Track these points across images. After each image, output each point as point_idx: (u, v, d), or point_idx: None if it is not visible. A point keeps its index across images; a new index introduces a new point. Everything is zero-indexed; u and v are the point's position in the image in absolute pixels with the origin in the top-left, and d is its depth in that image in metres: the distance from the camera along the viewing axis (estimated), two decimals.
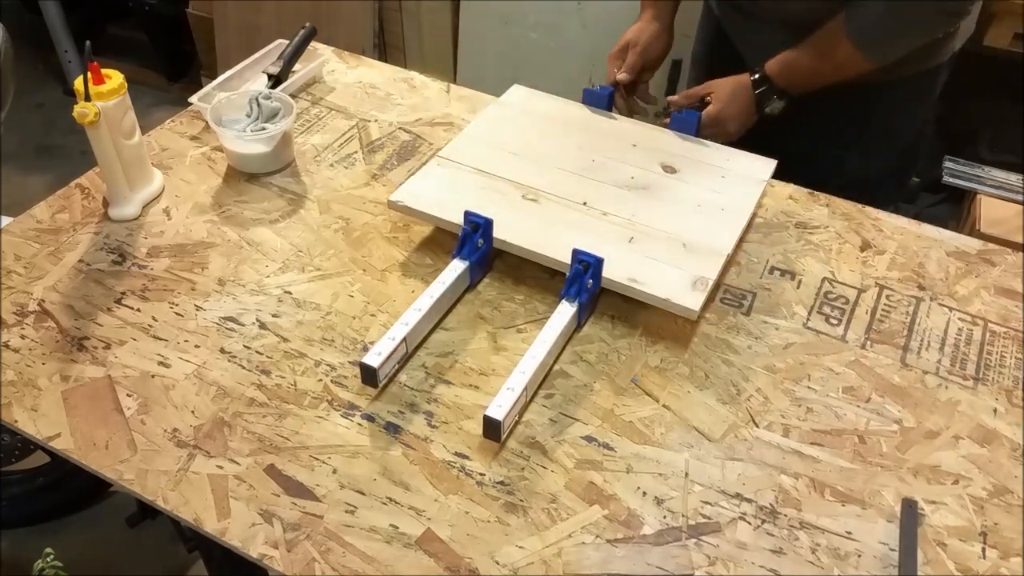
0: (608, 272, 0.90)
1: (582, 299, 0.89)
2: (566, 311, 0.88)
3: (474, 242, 0.93)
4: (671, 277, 0.90)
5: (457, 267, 0.92)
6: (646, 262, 0.92)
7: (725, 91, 1.16)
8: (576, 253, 0.89)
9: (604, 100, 1.17)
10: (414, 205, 0.99)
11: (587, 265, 0.89)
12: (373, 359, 0.81)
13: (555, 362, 0.88)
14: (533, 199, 1.00)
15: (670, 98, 1.20)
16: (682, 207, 1.00)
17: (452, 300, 0.93)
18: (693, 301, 0.88)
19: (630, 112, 1.23)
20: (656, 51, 1.24)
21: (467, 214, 0.94)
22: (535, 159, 1.06)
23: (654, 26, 1.23)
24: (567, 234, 0.94)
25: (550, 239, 0.94)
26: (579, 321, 0.91)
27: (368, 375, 0.82)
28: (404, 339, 0.84)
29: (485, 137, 1.10)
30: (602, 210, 0.99)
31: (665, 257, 0.93)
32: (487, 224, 0.93)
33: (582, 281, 0.89)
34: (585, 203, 1.00)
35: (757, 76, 1.14)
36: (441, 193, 1.00)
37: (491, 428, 0.78)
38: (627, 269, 0.91)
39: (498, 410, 0.77)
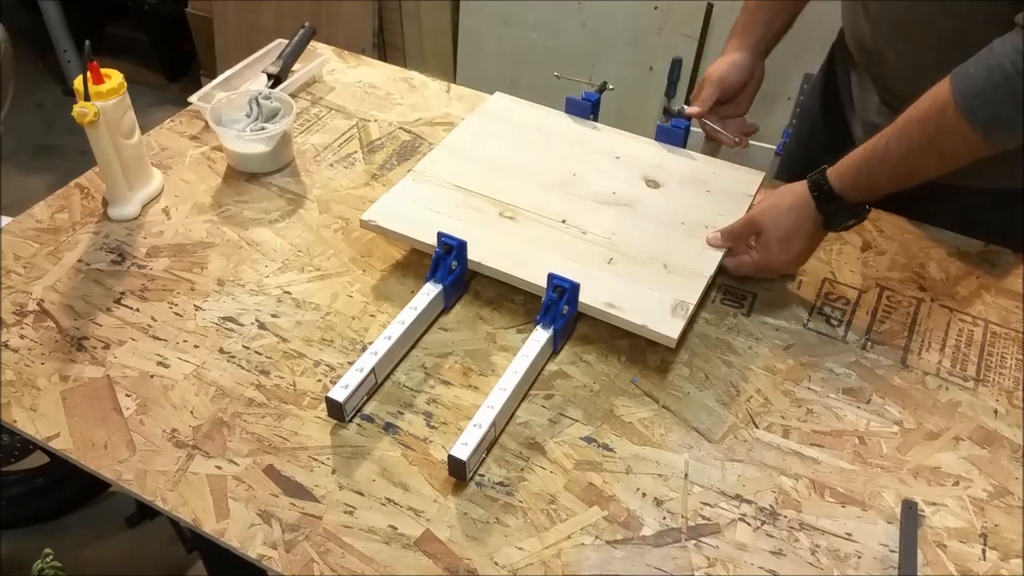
0: (584, 296, 0.87)
1: (557, 326, 0.86)
2: (540, 337, 0.85)
3: (447, 264, 0.90)
4: (650, 302, 0.87)
5: (430, 291, 0.89)
6: (625, 285, 0.89)
7: (777, 231, 0.91)
8: (551, 278, 0.86)
9: (586, 109, 1.13)
10: (386, 224, 0.95)
11: (562, 291, 0.85)
12: (339, 393, 0.79)
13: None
14: (511, 217, 0.98)
15: (709, 238, 0.96)
16: (664, 225, 0.98)
17: (426, 325, 0.90)
18: (671, 328, 0.85)
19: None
20: (735, 81, 1.08)
21: (440, 235, 0.90)
22: (514, 173, 1.04)
23: (732, 56, 1.09)
24: (544, 255, 0.92)
25: (527, 260, 0.91)
26: (555, 347, 0.88)
27: (334, 409, 0.80)
28: (373, 370, 0.81)
29: (463, 150, 1.07)
30: (582, 228, 0.96)
31: (645, 279, 0.90)
32: (461, 246, 0.90)
33: (557, 307, 0.86)
34: (564, 221, 0.97)
35: (818, 190, 0.89)
36: (415, 211, 0.97)
37: (456, 468, 0.75)
38: (604, 293, 0.88)
39: (463, 449, 0.75)
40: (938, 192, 0.94)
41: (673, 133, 1.09)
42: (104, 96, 0.95)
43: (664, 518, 0.75)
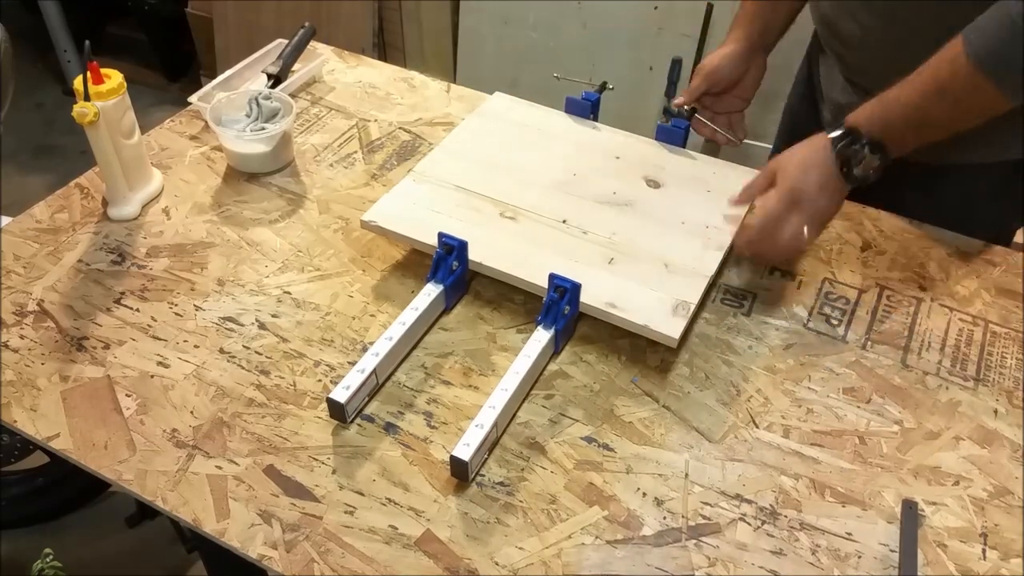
0: (586, 296, 0.87)
1: (558, 326, 0.86)
2: (541, 338, 0.85)
3: (448, 265, 0.90)
4: (651, 301, 0.87)
5: (431, 291, 0.89)
6: (626, 285, 0.89)
7: (792, 159, 0.91)
8: (552, 278, 0.86)
9: (586, 109, 1.13)
10: (387, 225, 0.95)
11: (563, 291, 0.85)
12: (340, 394, 0.78)
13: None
14: (511, 217, 0.97)
15: (731, 199, 0.98)
16: (665, 225, 0.97)
17: (427, 325, 0.90)
18: (673, 328, 0.85)
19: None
20: (726, 73, 1.07)
21: (441, 235, 0.90)
22: (514, 173, 1.03)
23: (727, 48, 1.08)
24: (545, 255, 0.92)
25: (527, 260, 0.91)
26: (556, 347, 0.88)
27: (336, 410, 0.80)
28: (374, 371, 0.81)
29: (463, 150, 1.07)
30: (582, 228, 0.96)
31: (646, 279, 0.90)
32: (461, 246, 0.90)
33: (559, 307, 0.86)
34: (565, 221, 0.97)
35: (838, 132, 0.89)
36: (416, 211, 0.97)
37: (458, 468, 0.75)
38: (606, 293, 0.88)
39: (465, 449, 0.74)
40: (937, 175, 0.95)
41: (673, 133, 1.09)
42: (104, 96, 0.95)
43: (664, 518, 0.75)
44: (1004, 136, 0.96)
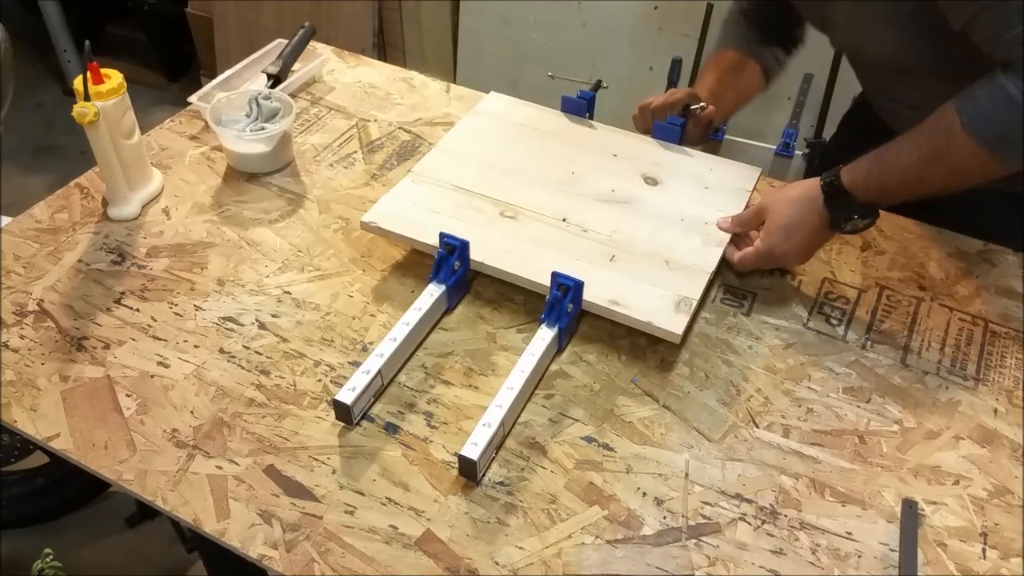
0: (589, 294, 0.87)
1: (562, 324, 0.86)
2: (545, 336, 0.85)
3: (450, 265, 0.90)
4: (654, 298, 0.88)
5: (433, 292, 0.90)
6: (628, 282, 0.90)
7: (781, 218, 0.92)
8: (555, 276, 0.86)
9: (582, 107, 1.13)
10: (387, 226, 0.95)
11: (566, 289, 0.86)
12: (346, 396, 0.78)
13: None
14: (511, 216, 0.98)
15: (719, 222, 0.98)
16: (664, 221, 0.98)
17: (430, 325, 0.90)
18: (676, 324, 0.85)
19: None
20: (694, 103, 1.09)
21: (442, 236, 0.90)
22: (512, 172, 1.04)
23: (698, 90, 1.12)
24: (547, 254, 0.92)
25: (529, 259, 0.91)
26: (560, 345, 0.89)
27: (342, 412, 0.80)
28: (379, 372, 0.82)
29: (460, 150, 1.07)
30: (582, 227, 0.96)
31: (647, 276, 0.90)
32: (463, 246, 0.90)
33: (562, 306, 0.86)
34: (565, 219, 0.97)
35: (829, 186, 0.90)
36: (416, 212, 0.97)
37: (467, 467, 0.75)
38: (608, 290, 0.88)
39: (473, 449, 0.75)
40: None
41: (669, 130, 1.09)
42: (104, 96, 0.95)
43: (664, 517, 0.75)
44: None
